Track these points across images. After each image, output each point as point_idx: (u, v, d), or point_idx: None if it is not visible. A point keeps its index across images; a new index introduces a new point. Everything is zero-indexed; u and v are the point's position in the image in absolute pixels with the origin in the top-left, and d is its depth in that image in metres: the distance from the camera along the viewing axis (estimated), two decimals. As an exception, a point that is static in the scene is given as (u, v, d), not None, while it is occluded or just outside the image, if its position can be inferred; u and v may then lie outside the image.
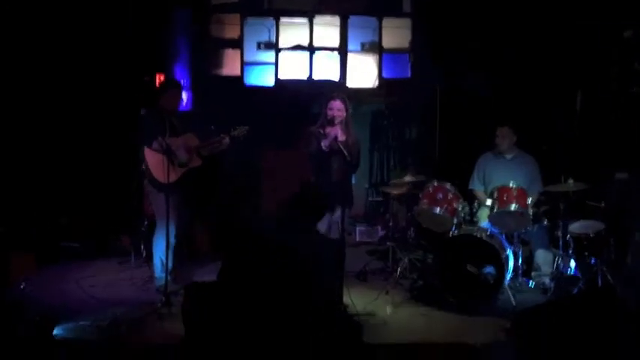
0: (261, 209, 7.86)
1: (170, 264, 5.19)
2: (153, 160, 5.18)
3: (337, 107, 4.88)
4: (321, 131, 4.88)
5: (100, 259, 6.65)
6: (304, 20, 8.82)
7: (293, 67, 8.93)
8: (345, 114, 4.90)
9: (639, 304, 4.24)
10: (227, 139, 5.39)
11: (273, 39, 8.87)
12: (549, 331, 3.78)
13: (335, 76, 8.96)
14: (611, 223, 5.21)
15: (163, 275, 5.21)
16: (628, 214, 5.51)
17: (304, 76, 8.90)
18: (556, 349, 3.72)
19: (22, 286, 5.10)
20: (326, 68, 8.96)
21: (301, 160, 4.99)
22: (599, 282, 4.98)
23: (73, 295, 5.28)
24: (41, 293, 5.21)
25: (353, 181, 5.38)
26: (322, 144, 4.73)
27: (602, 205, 5.44)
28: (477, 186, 5.94)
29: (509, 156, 5.85)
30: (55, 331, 4.09)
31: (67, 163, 6.99)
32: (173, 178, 5.06)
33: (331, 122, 4.86)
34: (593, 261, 5.08)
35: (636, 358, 3.63)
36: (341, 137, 4.84)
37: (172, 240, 5.15)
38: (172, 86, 5.51)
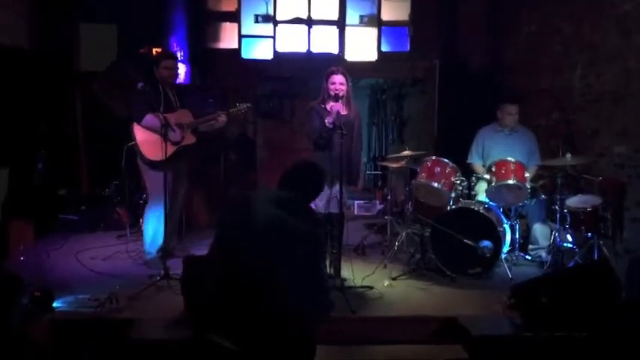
0: (258, 184, 7.90)
1: (160, 239, 5.23)
2: (142, 136, 5.14)
3: (339, 82, 4.80)
4: (324, 107, 4.83)
5: (98, 232, 6.70)
6: (302, -8, 8.74)
7: (291, 41, 8.87)
8: (346, 88, 4.85)
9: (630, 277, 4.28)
10: (223, 117, 5.30)
11: (271, 12, 8.79)
12: (545, 304, 3.82)
13: (334, 50, 8.90)
14: (608, 198, 5.22)
15: (152, 250, 5.25)
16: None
17: (303, 50, 8.84)
18: (552, 321, 3.76)
19: (21, 258, 5.13)
20: (325, 41, 8.90)
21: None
22: (595, 255, 5.00)
23: (72, 267, 5.30)
24: (40, 266, 5.23)
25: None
26: (326, 120, 4.67)
27: (599, 179, 5.45)
28: (475, 159, 5.94)
29: (508, 130, 5.85)
30: (55, 304, 4.11)
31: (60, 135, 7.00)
32: (163, 155, 5.00)
33: (335, 97, 4.79)
34: (589, 235, 5.10)
35: (626, 326, 3.68)
36: (344, 112, 4.78)
37: (161, 216, 5.15)
38: (166, 57, 5.43)
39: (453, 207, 5.31)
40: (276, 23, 8.81)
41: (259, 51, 8.90)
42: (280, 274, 2.74)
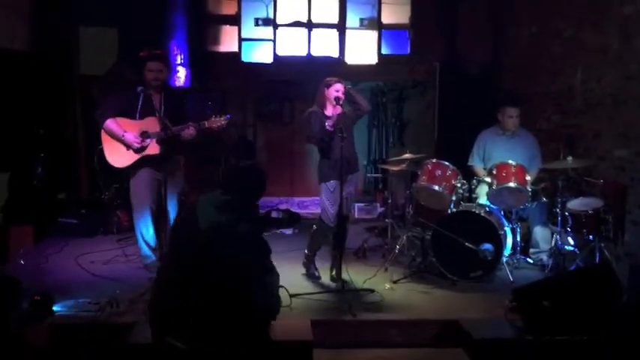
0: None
1: (152, 242, 5.21)
2: (106, 142, 5.06)
3: (342, 90, 4.92)
4: (323, 112, 4.94)
5: (98, 235, 6.68)
6: (302, -4, 8.75)
7: (291, 44, 8.88)
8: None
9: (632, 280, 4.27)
10: (192, 130, 4.98)
11: (271, 15, 8.80)
12: (547, 307, 3.81)
13: (334, 53, 8.91)
14: (610, 201, 5.21)
15: (149, 253, 5.23)
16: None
17: (303, 53, 8.84)
18: (553, 325, 3.75)
19: (21, 262, 5.11)
20: (325, 45, 8.90)
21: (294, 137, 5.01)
22: (597, 258, 4.99)
23: (72, 271, 5.28)
24: (40, 269, 5.23)
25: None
26: (327, 124, 4.78)
27: (601, 182, 5.44)
28: (476, 162, 5.92)
29: (509, 133, 5.83)
30: (55, 308, 4.10)
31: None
32: (125, 162, 5.00)
33: (337, 103, 4.90)
34: (590, 238, 5.09)
35: (628, 330, 3.67)
36: (337, 111, 4.90)
37: (149, 223, 5.14)
38: (149, 59, 5.16)
39: (454, 210, 5.30)
40: (276, 26, 8.82)
41: (259, 54, 8.91)
42: (226, 277, 2.80)
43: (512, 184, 5.20)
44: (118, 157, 5.02)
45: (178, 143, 5.09)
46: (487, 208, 5.35)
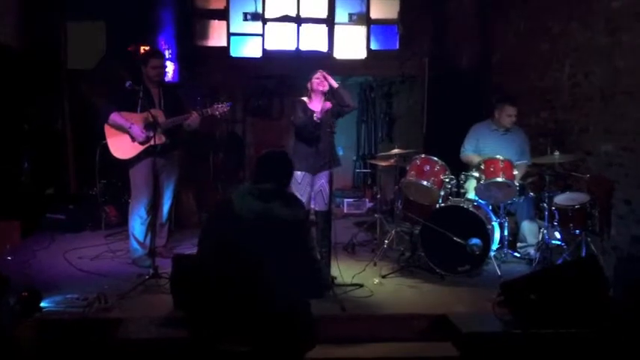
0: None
1: (140, 237, 5.24)
2: (110, 135, 5.14)
3: (320, 78, 4.97)
4: (308, 102, 4.99)
5: (85, 231, 6.64)
6: (291, -10, 8.72)
7: (280, 39, 8.85)
8: (327, 84, 5.00)
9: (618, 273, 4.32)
10: (195, 116, 5.17)
11: (260, 10, 8.77)
12: (534, 301, 3.84)
13: (323, 48, 8.90)
14: (596, 195, 5.25)
15: (136, 246, 5.26)
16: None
17: (292, 48, 8.83)
18: (541, 318, 3.78)
19: (8, 258, 5.08)
20: (314, 39, 8.89)
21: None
22: (584, 252, 5.03)
23: (60, 267, 5.25)
24: (28, 265, 5.19)
25: (340, 152, 5.78)
26: (314, 116, 4.81)
27: (587, 177, 5.48)
28: (469, 152, 5.93)
29: (502, 130, 5.86)
30: (42, 304, 4.07)
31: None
32: (130, 154, 5.09)
33: (324, 94, 4.97)
34: (577, 232, 5.13)
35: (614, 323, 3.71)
36: (327, 106, 4.93)
37: (143, 214, 5.21)
38: (154, 56, 5.33)
39: (443, 205, 5.33)
40: (265, 21, 8.79)
41: (248, 49, 8.88)
42: (274, 263, 2.79)
43: (500, 179, 5.23)
44: (123, 149, 5.11)
45: (181, 134, 5.29)
46: (475, 203, 5.38)
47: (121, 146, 5.11)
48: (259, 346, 2.76)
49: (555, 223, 5.28)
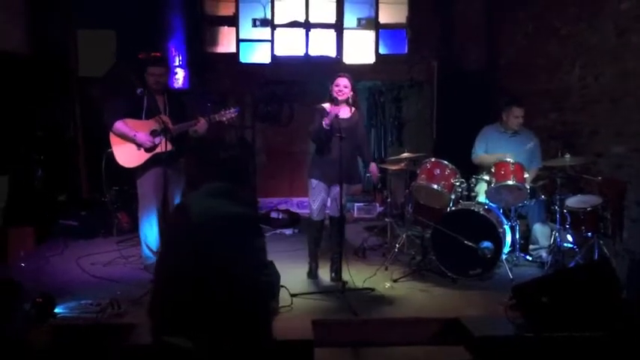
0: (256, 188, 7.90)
1: (153, 244, 5.22)
2: (115, 144, 5.09)
3: (343, 84, 4.88)
4: (325, 109, 4.88)
5: (98, 237, 6.69)
6: (300, -4, 8.76)
7: (289, 44, 8.89)
8: (349, 91, 4.90)
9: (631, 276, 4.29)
10: (202, 122, 5.08)
11: (269, 16, 8.81)
12: (546, 304, 3.82)
13: (332, 53, 8.92)
14: (608, 198, 5.23)
15: (149, 254, 5.25)
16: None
17: (301, 53, 8.86)
18: (553, 321, 3.77)
19: (22, 264, 5.12)
20: (322, 45, 8.92)
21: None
22: (596, 255, 5.00)
23: (73, 273, 5.29)
24: (41, 271, 5.23)
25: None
26: (323, 122, 4.72)
27: (599, 179, 5.46)
28: (481, 152, 5.92)
29: (511, 132, 5.85)
30: (57, 310, 4.11)
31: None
32: (136, 162, 5.03)
33: (335, 100, 4.88)
34: (589, 235, 5.11)
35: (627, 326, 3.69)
36: (345, 115, 4.86)
37: (154, 222, 5.18)
38: (151, 64, 5.19)
39: (453, 208, 5.32)
40: (274, 27, 8.83)
41: (257, 55, 8.92)
42: (223, 261, 2.80)
43: (510, 182, 5.21)
44: (129, 157, 5.05)
45: (187, 141, 5.19)
46: (486, 206, 5.37)
47: (127, 154, 5.05)
48: (202, 344, 2.77)
49: (567, 226, 5.26)
